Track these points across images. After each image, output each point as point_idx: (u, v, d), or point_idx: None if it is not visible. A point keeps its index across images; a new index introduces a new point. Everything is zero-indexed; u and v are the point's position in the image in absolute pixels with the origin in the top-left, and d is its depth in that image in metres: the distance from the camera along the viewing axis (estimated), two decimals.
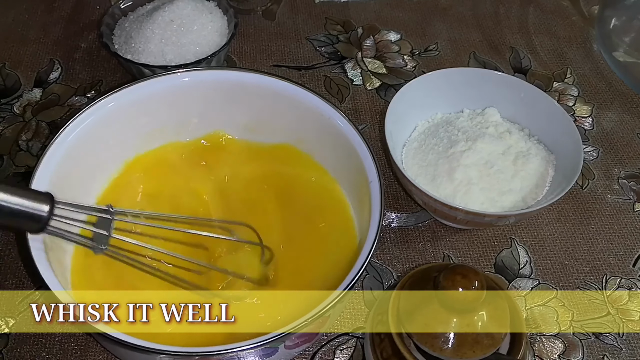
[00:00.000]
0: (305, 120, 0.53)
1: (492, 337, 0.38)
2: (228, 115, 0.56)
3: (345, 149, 0.50)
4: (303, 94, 0.52)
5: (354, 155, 0.49)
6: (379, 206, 0.46)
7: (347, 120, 0.51)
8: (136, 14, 0.68)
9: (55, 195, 0.40)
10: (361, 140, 0.49)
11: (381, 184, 0.47)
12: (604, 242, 0.58)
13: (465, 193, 0.54)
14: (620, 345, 0.51)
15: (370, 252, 0.43)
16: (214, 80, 0.54)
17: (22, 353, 0.49)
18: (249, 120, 0.56)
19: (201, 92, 0.54)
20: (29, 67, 0.69)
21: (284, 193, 0.55)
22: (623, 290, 0.55)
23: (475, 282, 0.36)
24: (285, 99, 0.53)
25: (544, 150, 0.58)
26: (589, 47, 0.75)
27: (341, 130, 0.51)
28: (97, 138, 0.50)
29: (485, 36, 0.76)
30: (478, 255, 0.56)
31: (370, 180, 0.47)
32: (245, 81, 0.53)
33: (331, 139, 0.52)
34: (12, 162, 0.60)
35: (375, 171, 0.47)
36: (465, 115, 0.61)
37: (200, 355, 0.40)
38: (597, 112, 0.68)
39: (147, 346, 0.38)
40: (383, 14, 0.77)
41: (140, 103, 0.52)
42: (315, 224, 0.53)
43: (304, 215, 0.53)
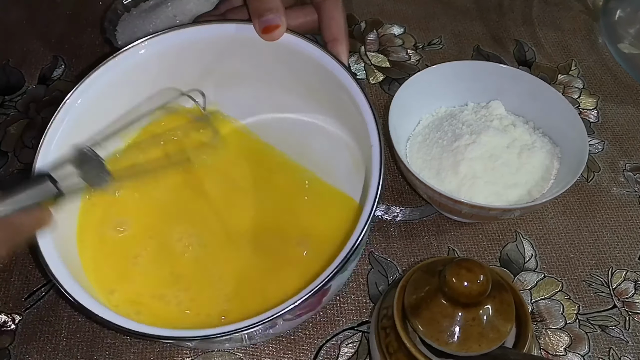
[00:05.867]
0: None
1: (498, 331, 0.37)
2: (234, 71, 0.53)
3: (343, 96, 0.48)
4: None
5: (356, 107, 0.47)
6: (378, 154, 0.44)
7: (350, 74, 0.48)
8: (139, 10, 0.68)
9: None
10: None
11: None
12: (609, 235, 0.58)
13: (470, 187, 0.54)
14: (627, 338, 0.51)
15: (373, 210, 0.42)
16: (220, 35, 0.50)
17: (28, 349, 0.49)
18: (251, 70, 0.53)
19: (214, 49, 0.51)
20: (32, 63, 0.69)
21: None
22: (629, 283, 0.55)
23: (481, 275, 0.36)
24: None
25: (549, 143, 0.58)
26: (593, 39, 0.75)
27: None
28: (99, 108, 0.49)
29: (489, 29, 0.75)
30: (483, 249, 0.56)
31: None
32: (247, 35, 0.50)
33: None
34: (17, 158, 0.61)
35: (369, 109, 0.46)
36: (470, 108, 0.61)
37: (193, 339, 0.40)
38: (602, 105, 0.68)
39: (141, 331, 0.39)
40: (386, 7, 0.77)
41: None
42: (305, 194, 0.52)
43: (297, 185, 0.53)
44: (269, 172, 0.53)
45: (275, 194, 0.52)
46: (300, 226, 0.50)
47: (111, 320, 0.39)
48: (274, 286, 0.47)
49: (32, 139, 0.62)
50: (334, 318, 0.52)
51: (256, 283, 0.48)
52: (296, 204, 0.52)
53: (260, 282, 0.48)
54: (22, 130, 0.63)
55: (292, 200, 0.52)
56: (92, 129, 0.48)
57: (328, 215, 0.51)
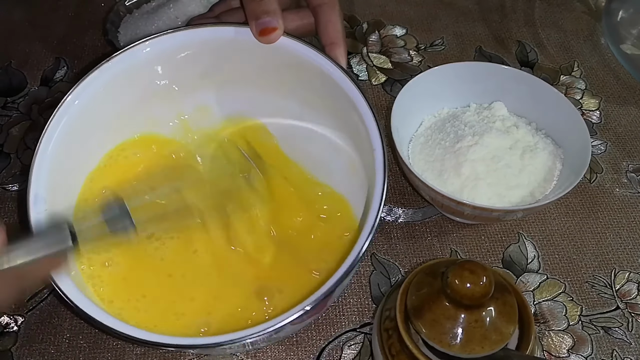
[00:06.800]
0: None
1: (501, 333, 0.37)
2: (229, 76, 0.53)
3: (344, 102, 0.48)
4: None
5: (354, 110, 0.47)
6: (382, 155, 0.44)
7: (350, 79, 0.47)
8: (141, 11, 0.68)
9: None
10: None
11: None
12: (612, 236, 0.58)
13: (472, 188, 0.54)
14: (630, 340, 0.51)
15: (378, 215, 0.41)
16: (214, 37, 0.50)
17: (30, 351, 0.49)
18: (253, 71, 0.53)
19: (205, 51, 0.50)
20: (35, 65, 0.69)
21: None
22: (632, 284, 0.54)
23: (483, 277, 0.36)
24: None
25: (552, 144, 0.58)
26: (596, 40, 0.75)
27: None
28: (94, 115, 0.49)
29: (492, 30, 0.75)
30: (486, 251, 0.56)
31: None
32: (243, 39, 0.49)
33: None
34: (19, 160, 0.61)
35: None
36: (472, 109, 0.61)
37: (200, 347, 0.40)
38: (605, 105, 0.68)
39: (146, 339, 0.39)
40: (388, 8, 0.77)
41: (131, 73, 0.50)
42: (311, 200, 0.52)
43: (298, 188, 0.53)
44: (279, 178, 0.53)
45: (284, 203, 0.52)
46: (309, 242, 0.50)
47: (113, 327, 0.39)
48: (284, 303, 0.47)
49: (34, 141, 0.62)
50: (336, 320, 0.52)
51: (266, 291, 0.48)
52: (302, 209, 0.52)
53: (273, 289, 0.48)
54: (24, 132, 0.63)
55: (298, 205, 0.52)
56: (90, 130, 0.48)
57: (332, 222, 0.51)
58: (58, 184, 0.46)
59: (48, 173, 0.45)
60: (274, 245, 0.49)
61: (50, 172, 0.45)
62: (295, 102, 0.53)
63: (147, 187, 0.50)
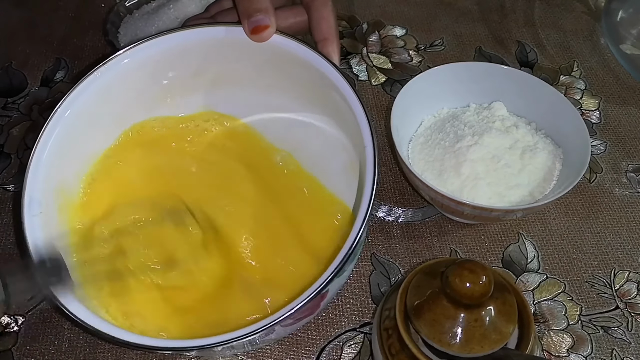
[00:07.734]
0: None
1: (500, 332, 0.37)
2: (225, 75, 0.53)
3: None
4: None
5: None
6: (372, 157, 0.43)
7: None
8: (141, 12, 0.68)
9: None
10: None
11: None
12: (612, 235, 0.58)
13: (472, 188, 0.54)
14: (629, 340, 0.51)
15: (368, 211, 0.41)
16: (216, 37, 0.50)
17: (31, 351, 0.49)
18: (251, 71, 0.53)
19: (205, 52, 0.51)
20: (35, 66, 0.69)
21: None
22: (632, 284, 0.54)
23: (483, 277, 0.36)
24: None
25: (551, 144, 0.58)
26: (595, 40, 0.75)
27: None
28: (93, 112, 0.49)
29: (491, 30, 0.75)
30: (485, 250, 0.56)
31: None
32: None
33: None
34: (20, 160, 0.61)
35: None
36: (472, 109, 0.61)
37: (192, 349, 0.39)
38: (605, 106, 0.68)
39: (139, 343, 0.39)
40: (388, 9, 0.77)
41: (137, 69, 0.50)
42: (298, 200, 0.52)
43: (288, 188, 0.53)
44: (268, 175, 0.53)
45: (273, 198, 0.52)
46: (297, 233, 0.50)
47: (108, 333, 0.39)
48: (274, 293, 0.47)
49: (34, 141, 0.62)
50: (336, 319, 0.52)
51: (254, 289, 0.48)
52: (294, 208, 0.52)
53: (260, 288, 0.48)
54: (24, 132, 0.63)
55: (289, 205, 0.52)
56: (88, 132, 0.48)
57: (324, 220, 0.51)
58: (53, 187, 0.46)
59: (44, 176, 0.45)
60: (267, 246, 0.50)
61: (46, 175, 0.45)
62: (288, 99, 0.53)
63: (132, 219, 0.50)
